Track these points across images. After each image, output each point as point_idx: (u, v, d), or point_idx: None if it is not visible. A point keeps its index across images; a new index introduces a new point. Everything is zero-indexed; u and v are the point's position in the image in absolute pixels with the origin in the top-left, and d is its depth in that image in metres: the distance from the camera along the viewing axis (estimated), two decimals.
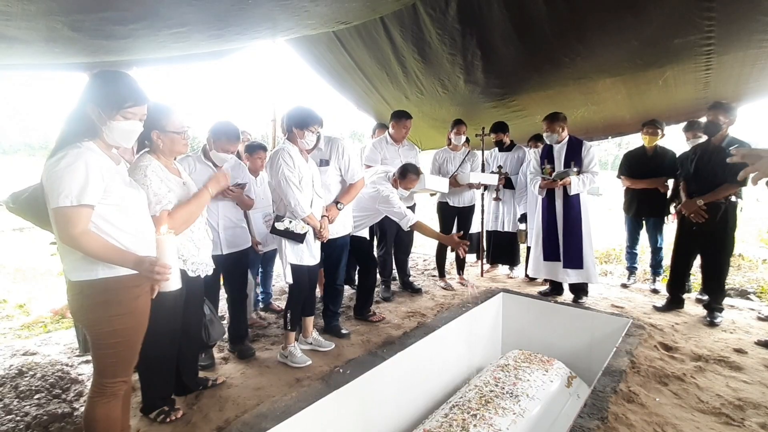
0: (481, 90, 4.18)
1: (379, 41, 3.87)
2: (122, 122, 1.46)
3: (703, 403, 2.13)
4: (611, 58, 3.42)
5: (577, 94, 4.02)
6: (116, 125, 1.45)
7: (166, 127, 1.80)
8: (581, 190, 3.43)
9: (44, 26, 1.65)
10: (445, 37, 3.58)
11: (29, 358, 2.60)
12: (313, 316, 2.78)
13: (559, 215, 3.55)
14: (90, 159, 1.38)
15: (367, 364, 2.48)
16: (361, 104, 5.29)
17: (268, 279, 3.54)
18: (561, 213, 3.53)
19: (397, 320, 3.20)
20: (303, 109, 2.49)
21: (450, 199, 4.00)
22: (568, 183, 3.39)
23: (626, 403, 2.09)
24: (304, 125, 2.44)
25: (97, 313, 1.45)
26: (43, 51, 1.94)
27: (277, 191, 2.44)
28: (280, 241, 2.46)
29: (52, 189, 1.33)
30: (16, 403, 2.11)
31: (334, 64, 4.52)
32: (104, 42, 1.98)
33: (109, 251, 1.40)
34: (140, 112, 1.50)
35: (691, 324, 3.14)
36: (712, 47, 2.98)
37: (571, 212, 3.49)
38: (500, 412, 2.41)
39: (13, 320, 3.66)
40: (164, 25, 1.85)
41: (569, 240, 3.50)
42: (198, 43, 2.33)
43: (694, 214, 3.06)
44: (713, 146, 3.03)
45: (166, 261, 1.45)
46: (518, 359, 3.01)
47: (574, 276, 3.53)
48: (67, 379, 2.37)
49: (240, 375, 2.41)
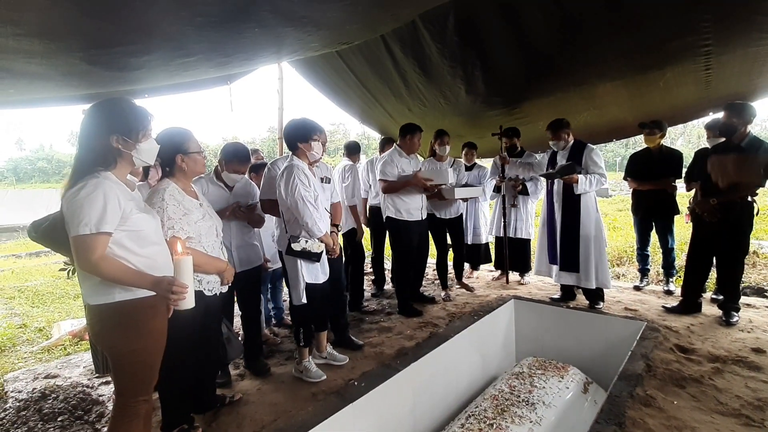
0: (483, 99, 4.24)
1: (381, 57, 3.96)
2: (145, 142, 1.56)
3: (722, 404, 2.11)
4: (611, 64, 3.45)
5: (579, 99, 4.05)
6: (142, 146, 1.55)
7: (189, 149, 1.89)
8: (587, 190, 3.39)
9: (63, 62, 1.74)
10: (445, 50, 3.65)
11: (51, 381, 2.67)
12: (326, 331, 2.80)
13: (557, 219, 3.57)
14: (108, 188, 1.44)
15: (381, 376, 2.49)
16: (365, 118, 5.39)
17: (278, 294, 3.58)
18: (559, 215, 3.55)
19: (410, 331, 3.21)
20: (301, 122, 2.51)
21: (437, 212, 4.00)
22: (575, 181, 3.36)
23: (643, 407, 2.08)
24: (308, 137, 2.45)
25: (115, 334, 1.50)
26: (61, 85, 2.04)
27: (293, 210, 2.37)
28: (294, 261, 2.45)
29: (72, 218, 1.39)
30: (40, 426, 2.16)
31: (336, 81, 4.62)
32: (118, 73, 2.08)
33: (126, 274, 1.46)
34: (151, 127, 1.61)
35: (707, 325, 3.10)
36: (710, 47, 3.00)
37: (569, 213, 3.48)
38: (516, 420, 2.40)
39: (33, 344, 3.74)
40: (175, 55, 1.94)
41: (565, 242, 3.51)
42: (207, 70, 2.43)
43: (708, 213, 3.02)
44: (732, 146, 2.98)
45: (183, 281, 1.50)
46: (533, 366, 3.00)
47: (569, 279, 3.54)
48: (89, 401, 2.43)
49: (256, 391, 2.44)
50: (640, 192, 3.94)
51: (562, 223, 3.53)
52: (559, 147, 3.56)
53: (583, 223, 3.44)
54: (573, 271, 3.50)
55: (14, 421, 2.21)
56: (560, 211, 3.55)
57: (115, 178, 1.51)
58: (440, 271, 4.16)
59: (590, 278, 3.45)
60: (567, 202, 3.50)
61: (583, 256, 3.45)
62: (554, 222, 3.61)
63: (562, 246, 3.53)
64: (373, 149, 5.36)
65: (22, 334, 4.03)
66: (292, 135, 2.48)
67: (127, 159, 1.55)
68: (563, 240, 3.53)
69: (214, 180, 2.54)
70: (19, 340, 3.86)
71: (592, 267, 3.44)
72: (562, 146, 3.54)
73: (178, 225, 1.81)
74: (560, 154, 3.58)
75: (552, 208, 3.64)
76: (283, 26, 1.94)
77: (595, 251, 3.44)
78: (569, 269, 3.52)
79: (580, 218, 3.44)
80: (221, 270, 2.02)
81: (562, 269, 3.55)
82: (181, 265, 1.51)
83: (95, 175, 1.45)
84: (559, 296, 3.77)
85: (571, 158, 3.48)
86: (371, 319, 3.54)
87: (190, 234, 1.85)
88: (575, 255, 3.46)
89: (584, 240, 3.44)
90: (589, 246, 3.43)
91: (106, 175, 1.48)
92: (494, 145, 4.57)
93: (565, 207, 3.51)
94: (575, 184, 3.37)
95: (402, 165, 3.52)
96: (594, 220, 3.46)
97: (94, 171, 1.46)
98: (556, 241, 3.59)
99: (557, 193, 3.58)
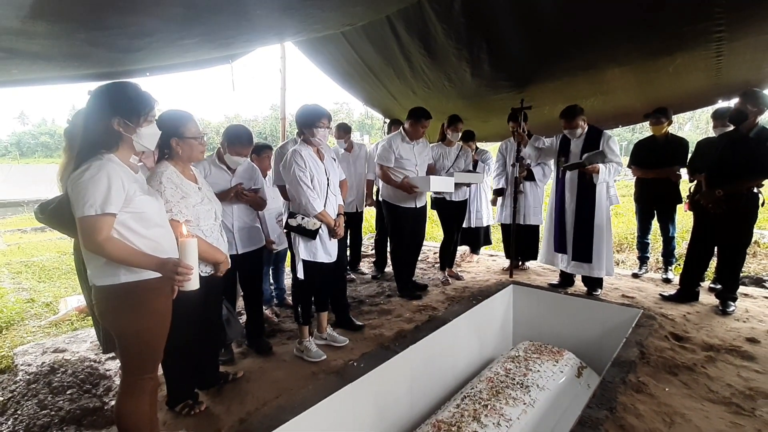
0: (488, 83, 4.17)
1: (385, 38, 3.88)
2: (147, 127, 1.57)
3: (713, 393, 2.15)
4: (620, 47, 3.38)
5: (586, 84, 3.99)
6: (144, 131, 1.55)
7: (185, 134, 1.88)
8: (607, 180, 3.34)
9: (65, 43, 1.73)
10: (451, 32, 3.57)
11: (59, 355, 2.74)
12: (327, 312, 2.86)
13: (569, 208, 3.51)
14: (111, 170, 1.45)
15: (380, 357, 2.55)
16: (369, 100, 5.33)
17: (280, 275, 3.63)
18: (572, 206, 3.48)
19: (409, 314, 3.26)
20: (307, 108, 2.56)
21: (447, 195, 3.99)
22: (596, 171, 3.28)
23: (635, 393, 2.13)
24: (311, 124, 2.51)
25: (121, 315, 1.54)
26: (63, 65, 2.03)
27: (290, 189, 2.53)
28: (294, 237, 2.55)
29: (77, 199, 1.41)
30: (50, 398, 2.24)
31: (341, 62, 4.55)
32: (120, 55, 2.06)
33: (132, 255, 1.48)
34: (155, 113, 1.61)
35: (703, 314, 3.14)
36: (722, 34, 2.93)
37: (584, 205, 3.41)
38: (511, 402, 2.46)
39: (41, 318, 3.83)
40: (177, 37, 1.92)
41: (579, 234, 3.45)
42: (209, 51, 2.40)
43: (713, 204, 3.01)
44: (740, 135, 2.95)
45: (188, 262, 1.53)
46: (528, 350, 3.06)
47: (580, 269, 3.51)
48: (96, 375, 2.50)
49: (258, 369, 2.51)
50: (644, 180, 3.92)
51: (577, 214, 3.45)
52: (575, 135, 3.47)
53: (596, 213, 3.39)
54: (586, 261, 3.46)
55: (24, 393, 2.29)
56: (573, 200, 3.46)
57: (118, 161, 1.52)
58: (443, 252, 4.17)
59: (601, 268, 3.45)
60: (582, 192, 3.41)
61: (596, 246, 3.41)
62: (564, 211, 3.54)
63: (576, 237, 3.47)
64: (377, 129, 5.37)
65: (30, 309, 4.12)
66: (298, 121, 2.57)
67: (128, 143, 1.56)
68: (577, 231, 3.46)
69: (217, 162, 2.54)
70: (27, 314, 3.94)
71: (604, 257, 3.43)
72: (578, 134, 3.45)
73: (176, 208, 1.82)
74: (574, 142, 3.49)
75: (562, 197, 3.55)
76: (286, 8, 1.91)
77: (606, 241, 3.43)
78: (582, 260, 3.47)
79: (595, 209, 3.38)
80: (218, 261, 2.04)
81: (575, 260, 3.50)
82: (187, 246, 1.53)
83: (99, 157, 1.46)
84: (558, 282, 3.80)
85: (587, 146, 3.39)
86: (371, 302, 3.60)
87: (188, 217, 1.86)
88: (589, 246, 3.42)
89: (597, 230, 3.40)
90: (602, 236, 3.41)
91: (110, 158, 1.49)
92: (497, 130, 4.53)
93: (579, 197, 3.43)
94: (596, 174, 3.29)
95: (401, 151, 3.49)
96: (605, 208, 3.43)
97: (97, 153, 1.47)
98: (566, 231, 3.53)
99: (570, 181, 3.48)
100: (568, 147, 3.52)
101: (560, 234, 3.59)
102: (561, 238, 3.58)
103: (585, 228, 3.43)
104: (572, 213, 3.49)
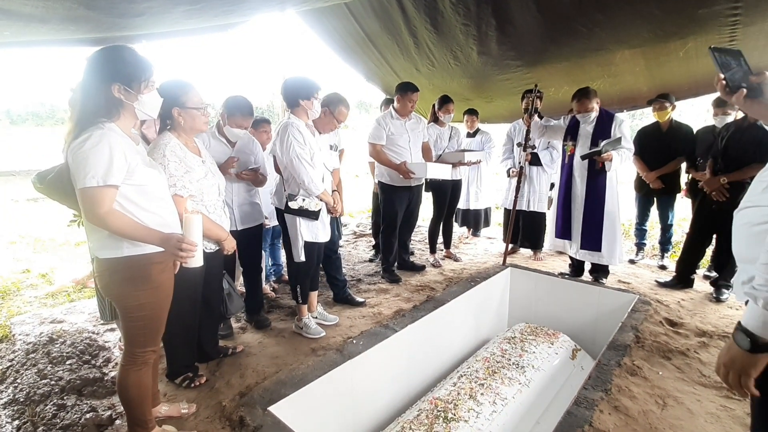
0: (495, 62, 4.08)
1: (391, 11, 3.76)
2: (148, 94, 1.51)
3: (705, 377, 2.20)
4: (631, 29, 3.29)
5: (594, 65, 3.91)
6: (145, 98, 1.50)
7: (186, 104, 1.82)
8: (618, 167, 3.26)
9: (61, 6, 1.65)
10: (459, 7, 3.46)
11: (57, 325, 2.74)
12: (317, 291, 2.83)
13: (578, 196, 3.41)
14: (113, 140, 1.40)
15: (378, 335, 2.57)
16: (371, 76, 5.20)
17: (278, 251, 3.62)
18: (582, 194, 3.38)
19: (407, 294, 3.28)
20: (304, 79, 2.44)
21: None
22: (609, 159, 3.18)
23: (630, 376, 2.17)
24: (310, 94, 2.40)
25: (123, 288, 1.52)
26: (58, 29, 1.94)
27: (289, 169, 2.39)
28: (293, 219, 2.47)
29: (78, 170, 1.37)
30: (49, 368, 2.24)
31: (343, 35, 4.42)
32: (118, 20, 1.97)
33: (135, 229, 1.45)
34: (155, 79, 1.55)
35: (697, 300, 3.18)
36: (738, 17, 2.86)
37: (594, 190, 3.33)
38: (506, 381, 2.51)
39: (37, 289, 3.82)
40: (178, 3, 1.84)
41: (589, 222, 3.37)
42: (211, 18, 2.30)
43: (716, 192, 3.00)
44: (747, 123, 2.92)
45: (192, 239, 1.50)
46: (524, 332, 3.10)
47: (590, 257, 3.45)
48: (95, 346, 2.51)
49: (257, 344, 2.53)
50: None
51: (587, 201, 3.36)
52: (588, 119, 3.36)
53: (607, 200, 3.32)
54: (595, 250, 3.38)
55: (23, 362, 2.29)
56: (584, 187, 3.37)
57: (120, 131, 1.47)
58: (432, 235, 4.09)
59: (614, 256, 3.38)
60: (593, 178, 3.32)
61: (608, 234, 3.34)
62: (571, 197, 3.45)
63: (585, 224, 3.39)
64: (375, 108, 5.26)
65: (26, 279, 4.10)
66: (294, 91, 2.41)
67: (130, 111, 1.50)
68: (587, 219, 3.37)
69: (216, 134, 2.48)
70: (23, 285, 3.93)
71: (617, 245, 3.37)
72: (591, 117, 3.34)
73: (180, 183, 1.78)
74: (584, 125, 3.40)
75: (570, 183, 3.45)
76: None
77: (618, 228, 3.38)
78: (591, 248, 3.39)
79: (606, 195, 3.31)
80: (221, 239, 2.04)
81: (584, 248, 3.43)
82: (191, 222, 1.51)
83: (99, 126, 1.41)
84: (570, 272, 3.68)
85: (599, 130, 3.30)
86: (369, 281, 3.61)
87: (192, 192, 1.83)
88: (598, 234, 3.34)
89: (609, 217, 3.33)
90: (614, 223, 3.35)
91: (111, 127, 1.44)
92: (501, 111, 4.46)
93: (590, 183, 3.34)
94: (609, 162, 3.20)
95: (392, 128, 3.41)
96: (615, 194, 3.36)
97: (98, 122, 1.42)
98: (571, 217, 3.46)
99: (580, 167, 3.38)
100: (577, 129, 3.44)
101: (564, 220, 3.51)
102: (565, 224, 3.50)
103: (595, 216, 3.35)
104: (581, 199, 3.39)
